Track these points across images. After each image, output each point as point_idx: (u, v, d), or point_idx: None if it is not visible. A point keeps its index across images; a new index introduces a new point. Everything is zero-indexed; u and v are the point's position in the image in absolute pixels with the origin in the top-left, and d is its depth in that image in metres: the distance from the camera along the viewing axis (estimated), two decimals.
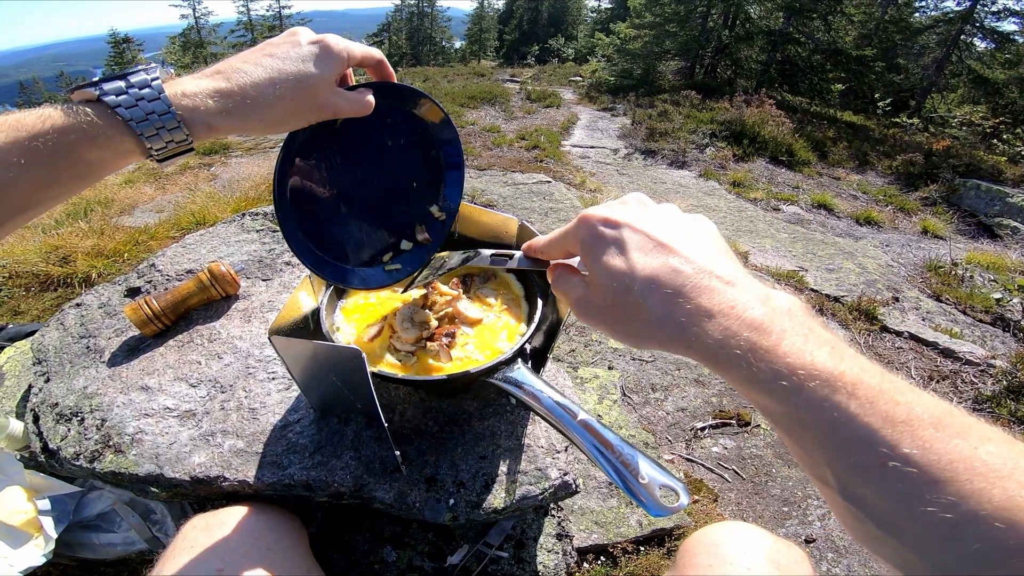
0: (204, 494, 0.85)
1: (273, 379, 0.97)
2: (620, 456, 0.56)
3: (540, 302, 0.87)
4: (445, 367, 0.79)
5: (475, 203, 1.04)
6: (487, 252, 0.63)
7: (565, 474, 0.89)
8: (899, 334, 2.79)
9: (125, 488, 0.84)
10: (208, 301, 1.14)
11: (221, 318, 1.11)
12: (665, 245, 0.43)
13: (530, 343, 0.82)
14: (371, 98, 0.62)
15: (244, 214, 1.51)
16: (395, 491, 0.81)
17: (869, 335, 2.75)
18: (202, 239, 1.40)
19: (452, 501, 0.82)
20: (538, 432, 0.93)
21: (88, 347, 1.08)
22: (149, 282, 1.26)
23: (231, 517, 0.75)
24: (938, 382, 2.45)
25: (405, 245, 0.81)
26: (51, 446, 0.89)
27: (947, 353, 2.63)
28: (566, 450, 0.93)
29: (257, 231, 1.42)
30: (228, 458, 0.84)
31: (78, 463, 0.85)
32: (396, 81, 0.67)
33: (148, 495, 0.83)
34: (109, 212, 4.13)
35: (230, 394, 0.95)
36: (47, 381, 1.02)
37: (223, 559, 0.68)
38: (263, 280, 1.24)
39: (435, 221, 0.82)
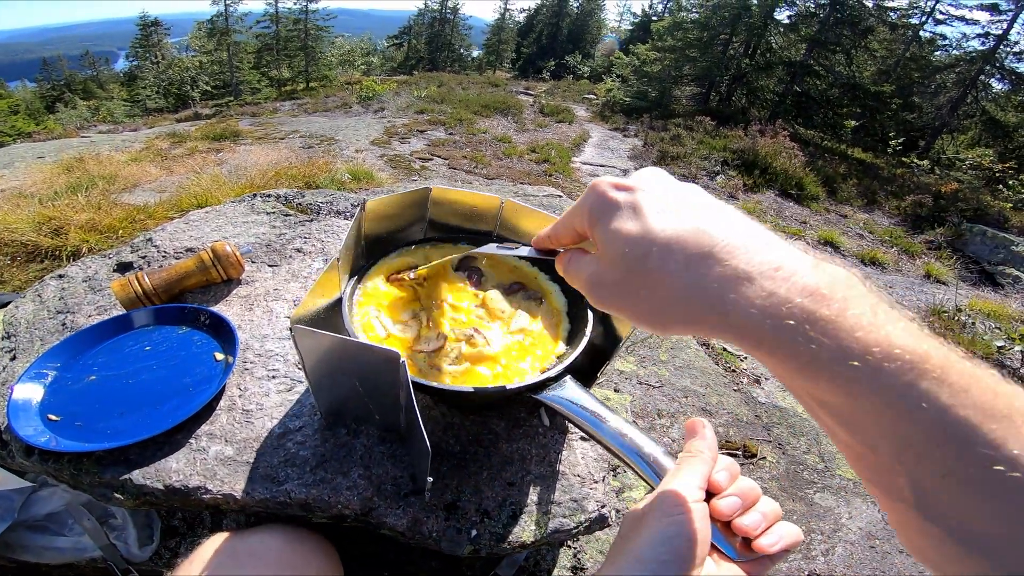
0: (179, 505, 0.72)
1: (273, 377, 0.85)
2: None
3: (590, 316, 0.76)
4: (485, 377, 0.69)
5: None
6: (492, 245, 0.61)
7: (602, 506, 0.77)
8: None
9: (84, 491, 0.72)
10: (207, 283, 1.02)
11: (220, 303, 0.99)
12: (688, 208, 0.35)
13: (574, 360, 0.71)
14: None
15: (256, 195, 1.39)
16: (409, 517, 0.69)
17: None
18: (207, 216, 1.29)
19: (475, 532, 0.70)
20: (574, 459, 0.81)
21: (64, 324, 0.95)
22: (143, 257, 1.14)
23: (261, 544, 0.64)
24: None
25: None
26: (4, 436, 0.77)
27: None
28: (603, 480, 0.81)
29: (268, 213, 1.31)
30: (213, 466, 0.71)
31: (33, 457, 0.72)
32: None
33: (111, 501, 0.70)
34: (111, 188, 4.02)
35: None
36: (13, 359, 0.90)
37: None
38: (270, 266, 1.12)
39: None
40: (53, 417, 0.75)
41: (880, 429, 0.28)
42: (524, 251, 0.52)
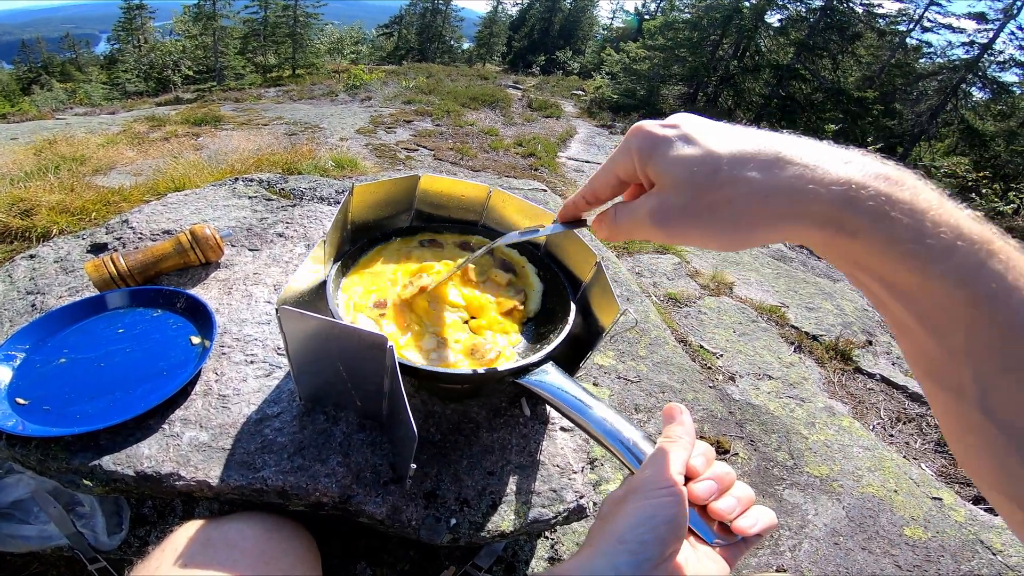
0: (151, 493, 0.71)
1: (251, 362, 0.83)
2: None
3: (573, 306, 0.77)
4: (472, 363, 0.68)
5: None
6: (513, 233, 0.60)
7: (581, 497, 0.78)
8: (871, 376, 2.87)
9: (51, 477, 0.70)
10: (184, 266, 1.00)
11: (197, 286, 0.97)
12: (737, 132, 0.37)
13: (555, 347, 0.71)
14: None
15: (237, 178, 1.36)
16: (388, 505, 0.68)
17: (844, 375, 2.79)
18: (186, 199, 1.25)
19: (454, 521, 0.70)
20: (554, 449, 0.81)
21: (33, 305, 0.92)
22: (118, 239, 1.11)
23: (238, 533, 0.62)
24: (904, 423, 2.49)
25: None
26: None
27: (915, 397, 2.68)
28: (582, 471, 0.82)
29: (250, 197, 1.28)
30: (187, 452, 0.70)
31: None
32: None
33: (79, 488, 0.68)
34: (83, 169, 3.89)
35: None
36: None
37: None
38: (250, 250, 1.10)
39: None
40: (21, 401, 0.73)
41: (950, 314, 0.29)
42: (549, 229, 0.51)
